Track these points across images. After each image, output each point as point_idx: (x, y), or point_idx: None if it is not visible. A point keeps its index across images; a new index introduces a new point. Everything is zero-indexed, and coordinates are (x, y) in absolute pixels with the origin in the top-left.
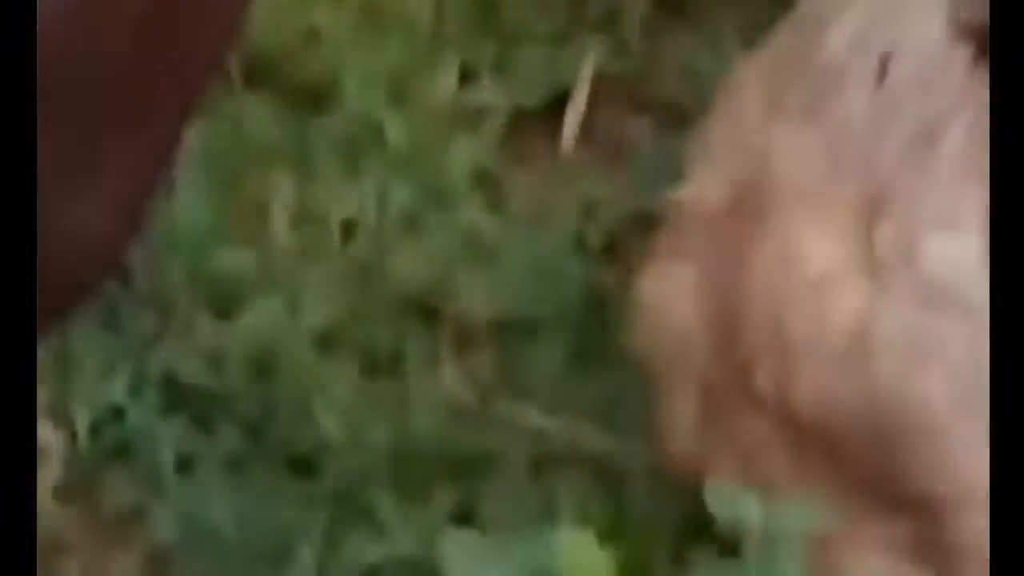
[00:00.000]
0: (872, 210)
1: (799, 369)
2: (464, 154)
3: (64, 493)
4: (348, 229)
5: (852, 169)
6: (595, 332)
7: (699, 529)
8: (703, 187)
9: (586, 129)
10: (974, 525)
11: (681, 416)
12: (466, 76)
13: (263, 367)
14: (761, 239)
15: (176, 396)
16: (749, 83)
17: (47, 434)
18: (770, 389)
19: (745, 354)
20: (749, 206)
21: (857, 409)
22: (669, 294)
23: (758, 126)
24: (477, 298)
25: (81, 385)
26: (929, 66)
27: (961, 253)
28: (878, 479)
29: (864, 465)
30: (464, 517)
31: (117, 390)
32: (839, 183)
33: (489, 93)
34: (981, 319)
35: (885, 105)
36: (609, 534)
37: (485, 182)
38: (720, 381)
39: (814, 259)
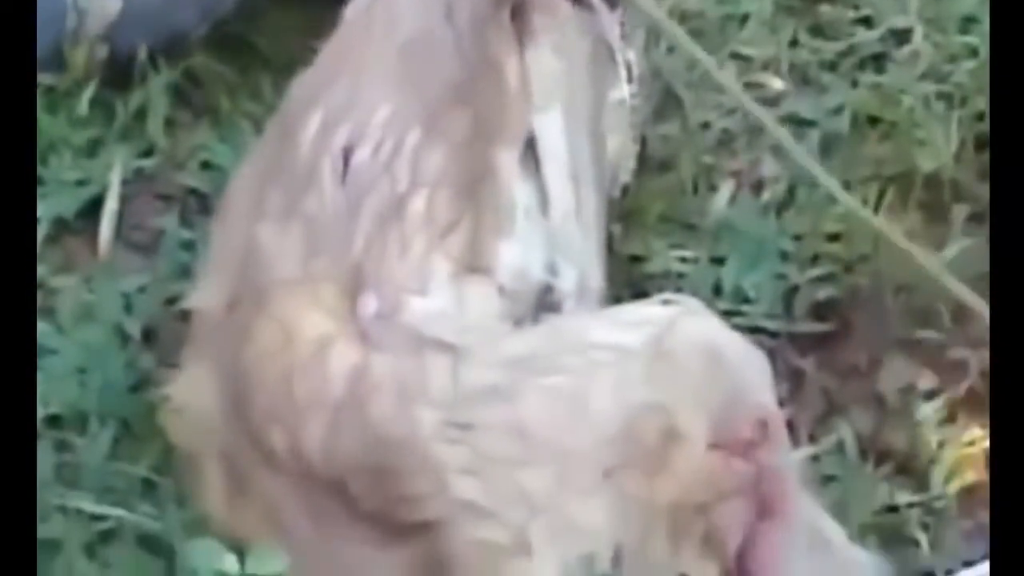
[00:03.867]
0: (355, 283)
1: (307, 424)
2: None
3: None
4: None
5: (331, 254)
6: (139, 415)
7: None
8: (207, 293)
9: (121, 227)
10: (467, 536)
11: (211, 486)
12: None
13: None
14: (262, 324)
15: None
16: (237, 187)
17: None
18: (284, 447)
19: (259, 422)
20: (248, 299)
21: (359, 451)
22: (191, 392)
23: (245, 228)
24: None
25: None
26: (386, 150)
27: (433, 307)
28: (384, 512)
29: (371, 499)
30: None
31: None
32: (321, 267)
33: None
34: (456, 353)
35: (352, 194)
36: None
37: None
38: (239, 451)
39: (310, 331)
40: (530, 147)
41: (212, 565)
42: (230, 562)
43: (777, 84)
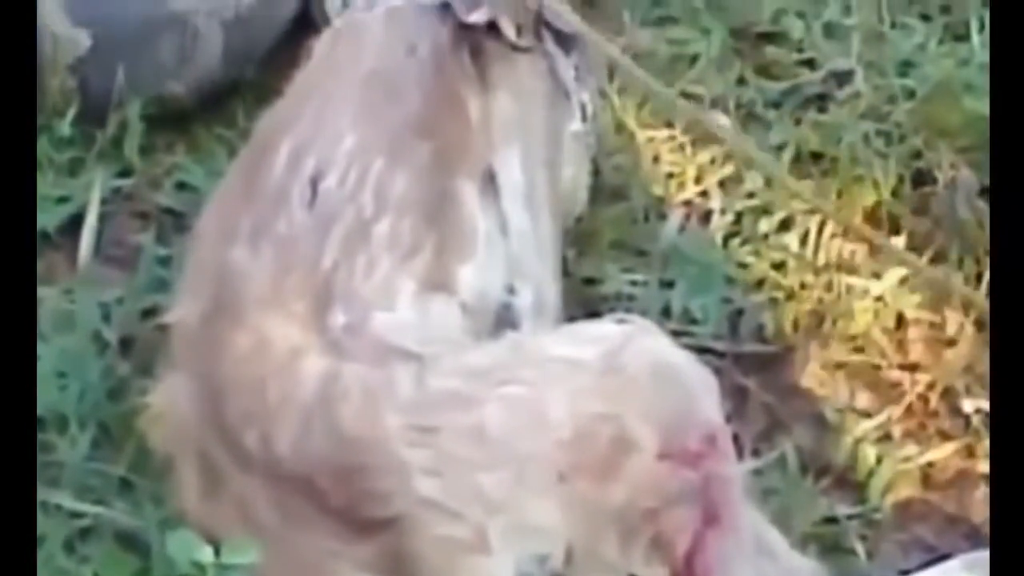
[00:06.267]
0: (324, 299)
1: (279, 426)
2: None
3: None
4: None
5: (301, 272)
6: (116, 418)
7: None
8: (183, 309)
9: (100, 242)
10: (429, 533)
11: (187, 485)
12: None
13: None
14: (236, 336)
15: None
16: (211, 211)
17: None
18: (257, 447)
19: (233, 424)
20: (223, 314)
21: (328, 451)
22: (170, 399)
23: (218, 249)
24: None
25: None
26: (352, 178)
27: (399, 320)
28: (351, 508)
29: (338, 496)
30: None
31: None
32: (292, 284)
33: None
34: (420, 362)
35: (320, 219)
36: None
37: None
38: (214, 452)
39: (282, 342)
40: (490, 177)
41: (189, 555)
42: (206, 553)
43: (724, 121)
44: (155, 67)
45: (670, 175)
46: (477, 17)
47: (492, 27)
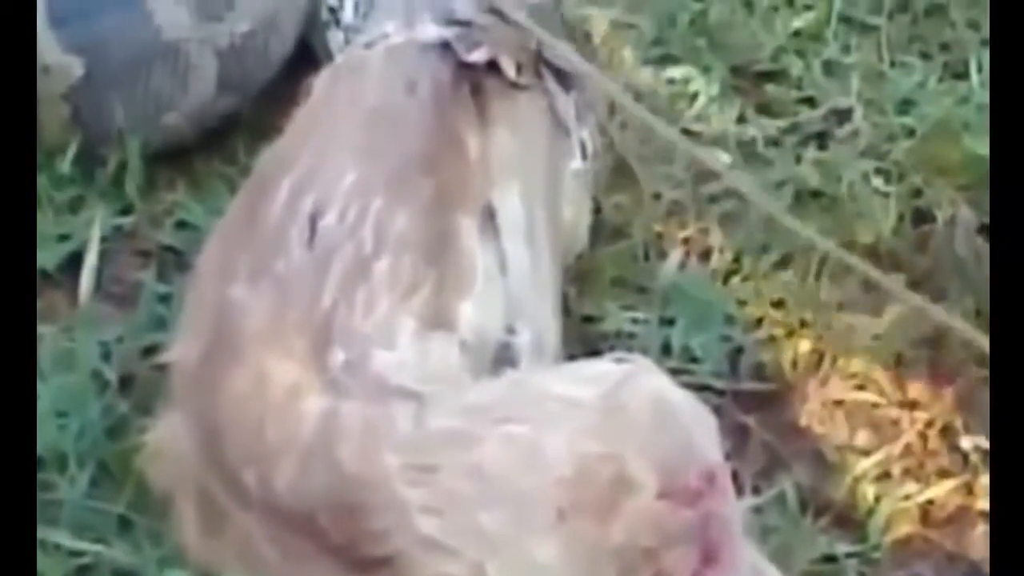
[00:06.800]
0: (324, 337)
1: (278, 465)
2: None
3: None
4: None
5: (300, 310)
6: (116, 457)
7: None
8: (183, 347)
9: (101, 280)
10: (428, 572)
11: (186, 523)
12: None
13: None
14: (235, 374)
15: None
16: (210, 250)
17: None
18: (256, 485)
19: (232, 463)
20: (221, 352)
21: (327, 489)
22: (169, 437)
23: (217, 288)
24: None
25: None
26: (351, 216)
27: (398, 358)
28: (350, 546)
29: (337, 535)
30: None
31: None
32: (291, 322)
33: None
34: (420, 400)
35: (319, 257)
36: None
37: None
38: (213, 490)
39: (281, 380)
40: (489, 215)
41: None
42: None
43: (724, 159)
44: (150, 96)
45: (670, 213)
46: (477, 56)
47: (492, 65)
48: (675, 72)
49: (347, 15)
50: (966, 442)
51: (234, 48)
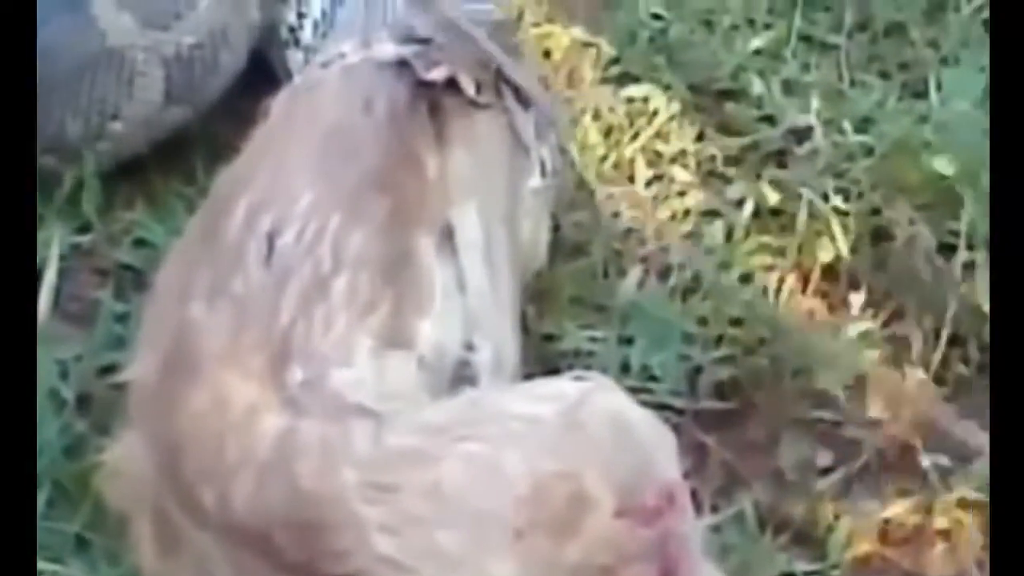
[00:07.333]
0: (282, 355)
1: (236, 483)
2: None
3: None
4: None
5: (258, 328)
6: (73, 476)
7: None
8: (141, 366)
9: (59, 298)
10: None
11: (143, 543)
12: None
13: None
14: (193, 393)
15: None
16: (168, 269)
17: None
18: (214, 504)
19: (190, 481)
20: (179, 370)
21: (285, 507)
22: (126, 457)
23: (175, 307)
24: None
25: None
26: (309, 234)
27: (356, 376)
28: (308, 565)
29: (295, 553)
30: None
31: None
32: (249, 340)
33: None
34: (378, 419)
35: (277, 276)
36: None
37: None
38: (170, 509)
39: (239, 398)
40: (447, 233)
41: None
42: None
43: (684, 176)
44: (94, 103)
45: (629, 231)
46: (436, 75)
47: (451, 83)
48: (635, 90)
49: (306, 35)
50: (925, 461)
51: (181, 58)
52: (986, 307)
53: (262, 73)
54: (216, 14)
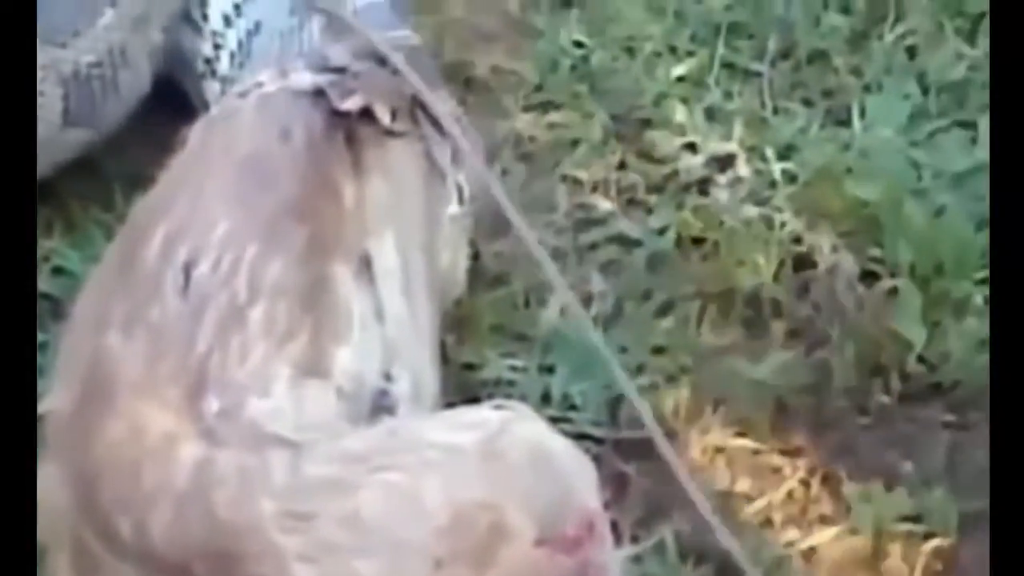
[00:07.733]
0: (198, 385)
1: (153, 513)
2: None
3: None
4: None
5: (174, 358)
6: None
7: None
8: (57, 396)
9: None
10: None
11: (62, 574)
12: None
13: None
14: (109, 423)
15: None
16: (84, 299)
17: None
18: (131, 535)
19: (107, 512)
20: (95, 401)
21: (203, 537)
22: (43, 488)
23: (92, 337)
24: None
25: None
26: (225, 264)
27: (273, 406)
28: None
29: None
30: None
31: None
32: (165, 370)
33: None
34: (296, 448)
35: (193, 305)
36: None
37: None
38: (88, 541)
39: (156, 429)
40: (365, 263)
41: None
42: None
43: (606, 205)
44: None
45: (551, 258)
46: (351, 104)
47: (366, 112)
48: (556, 118)
49: (223, 66)
50: (848, 489)
51: (79, 77)
52: (907, 334)
53: (179, 101)
54: (114, 33)
